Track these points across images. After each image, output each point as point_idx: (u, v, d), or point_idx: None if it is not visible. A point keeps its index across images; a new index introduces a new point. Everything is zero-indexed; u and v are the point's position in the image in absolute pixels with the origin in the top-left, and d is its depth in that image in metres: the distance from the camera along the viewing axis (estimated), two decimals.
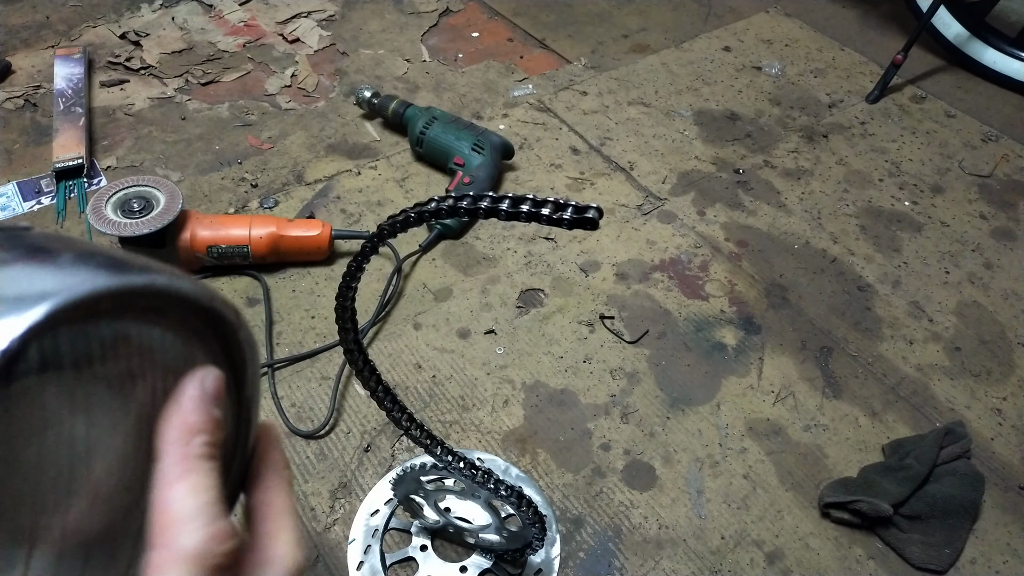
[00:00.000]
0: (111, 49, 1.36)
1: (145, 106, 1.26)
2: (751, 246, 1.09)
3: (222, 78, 1.33)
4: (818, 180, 1.20)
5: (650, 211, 1.13)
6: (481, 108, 1.30)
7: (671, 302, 1.00)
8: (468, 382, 0.89)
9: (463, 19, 1.52)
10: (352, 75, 1.36)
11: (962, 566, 0.76)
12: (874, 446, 0.86)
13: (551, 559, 0.74)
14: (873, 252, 1.09)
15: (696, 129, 1.29)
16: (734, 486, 0.81)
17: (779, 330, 0.97)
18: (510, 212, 0.34)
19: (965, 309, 1.02)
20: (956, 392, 0.92)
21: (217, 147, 1.19)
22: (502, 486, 0.59)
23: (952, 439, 0.82)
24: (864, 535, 0.78)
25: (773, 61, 1.45)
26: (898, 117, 1.34)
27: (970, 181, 1.22)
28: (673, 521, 0.78)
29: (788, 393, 0.90)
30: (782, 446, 0.85)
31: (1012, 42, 1.42)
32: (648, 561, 0.75)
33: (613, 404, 0.88)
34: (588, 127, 1.27)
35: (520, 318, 0.97)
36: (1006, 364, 0.96)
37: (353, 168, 1.17)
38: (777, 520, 0.79)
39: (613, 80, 1.38)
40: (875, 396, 0.91)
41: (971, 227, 1.14)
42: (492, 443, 0.84)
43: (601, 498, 0.80)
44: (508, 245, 1.06)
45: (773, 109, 1.34)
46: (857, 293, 1.03)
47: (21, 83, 1.28)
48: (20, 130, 1.20)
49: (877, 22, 1.59)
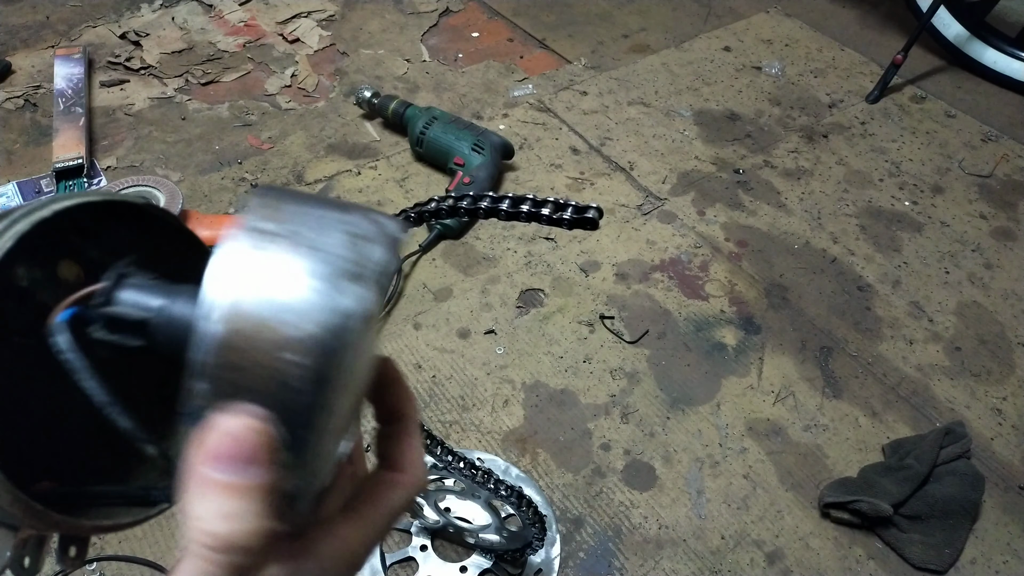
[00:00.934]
0: (111, 49, 1.36)
1: (145, 106, 1.26)
2: (751, 246, 1.09)
3: (222, 78, 1.33)
4: (818, 180, 1.20)
5: (650, 211, 1.13)
6: (481, 108, 1.30)
7: (671, 302, 1.00)
8: (468, 382, 0.89)
9: (463, 19, 1.52)
10: (352, 75, 1.36)
11: (962, 566, 0.76)
12: (874, 446, 0.86)
13: (551, 559, 0.74)
14: (873, 252, 1.09)
15: (696, 129, 1.29)
16: (734, 486, 0.81)
17: (779, 330, 0.97)
18: (510, 212, 0.34)
19: (965, 309, 1.02)
20: (956, 392, 0.92)
21: (217, 147, 1.19)
22: (502, 486, 0.59)
23: (952, 439, 0.82)
24: (864, 535, 0.78)
25: (773, 61, 1.45)
26: (898, 117, 1.34)
27: (970, 181, 1.22)
28: (673, 521, 0.78)
29: (788, 393, 0.90)
30: (782, 446, 0.85)
31: (1012, 42, 1.42)
32: (648, 561, 0.75)
33: (613, 404, 0.88)
34: (588, 127, 1.27)
35: (520, 318, 0.97)
36: (1006, 364, 0.96)
37: (353, 168, 1.17)
38: (777, 520, 0.79)
39: (613, 80, 1.38)
40: (875, 396, 0.91)
41: (971, 227, 1.14)
42: (492, 443, 0.84)
43: (601, 498, 0.80)
44: (508, 245, 1.06)
45: (773, 109, 1.34)
46: (857, 293, 1.03)
47: (21, 83, 1.28)
48: (20, 130, 1.20)
49: (877, 22, 1.59)
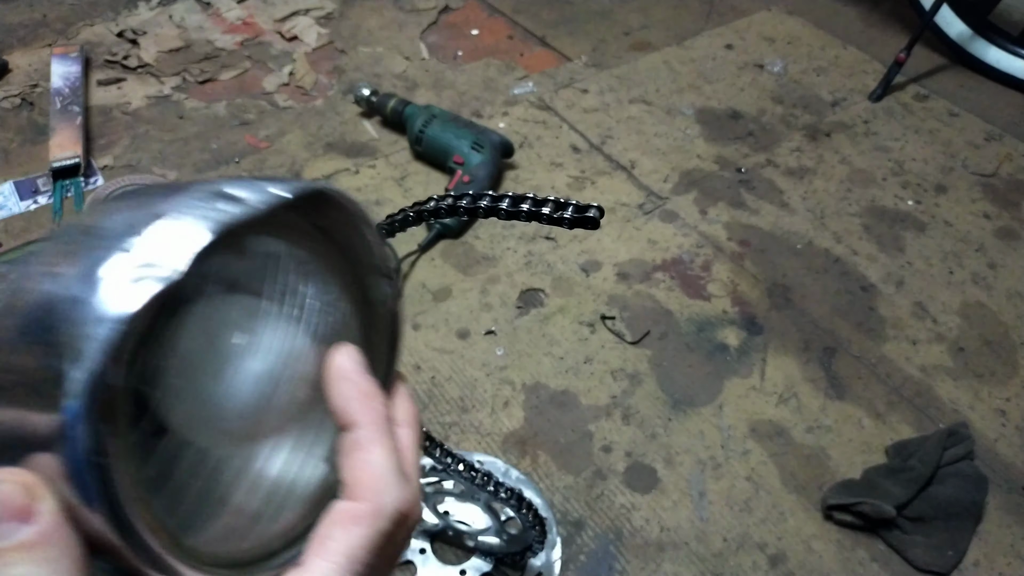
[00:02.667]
0: (108, 47, 1.36)
1: (142, 105, 1.25)
2: (753, 246, 1.08)
3: (219, 76, 1.32)
4: (821, 179, 1.20)
5: (652, 210, 1.12)
6: (481, 106, 1.30)
7: (673, 302, 0.99)
8: (467, 383, 0.89)
9: (462, 16, 1.51)
10: (350, 73, 1.35)
11: (965, 568, 0.76)
12: (877, 448, 0.85)
13: (551, 562, 0.73)
14: (876, 252, 1.08)
15: (698, 127, 1.28)
16: (736, 488, 0.81)
17: (782, 331, 0.97)
18: (510, 211, 0.33)
19: (969, 309, 1.01)
20: (959, 393, 0.91)
21: (214, 146, 1.19)
22: (502, 488, 0.58)
23: (955, 440, 0.82)
24: (867, 537, 0.78)
25: (775, 59, 1.44)
26: (901, 116, 1.33)
27: (973, 180, 1.21)
28: (675, 523, 0.77)
29: (791, 394, 0.90)
30: (785, 448, 0.85)
31: (1015, 40, 1.41)
32: (650, 564, 0.74)
33: (614, 405, 0.87)
34: (589, 125, 1.26)
35: (520, 318, 0.96)
36: (1010, 365, 0.95)
37: (351, 167, 1.16)
38: (780, 522, 0.78)
39: (614, 78, 1.37)
40: (878, 397, 0.90)
41: (975, 227, 1.13)
42: (492, 445, 0.83)
43: (602, 500, 0.79)
44: (508, 245, 1.05)
45: (776, 107, 1.33)
46: (860, 293, 1.02)
47: (18, 82, 1.27)
48: (17, 129, 1.19)
49: (880, 20, 1.58)
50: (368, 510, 0.24)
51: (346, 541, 0.23)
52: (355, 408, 0.26)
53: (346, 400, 0.26)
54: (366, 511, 0.24)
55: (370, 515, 0.24)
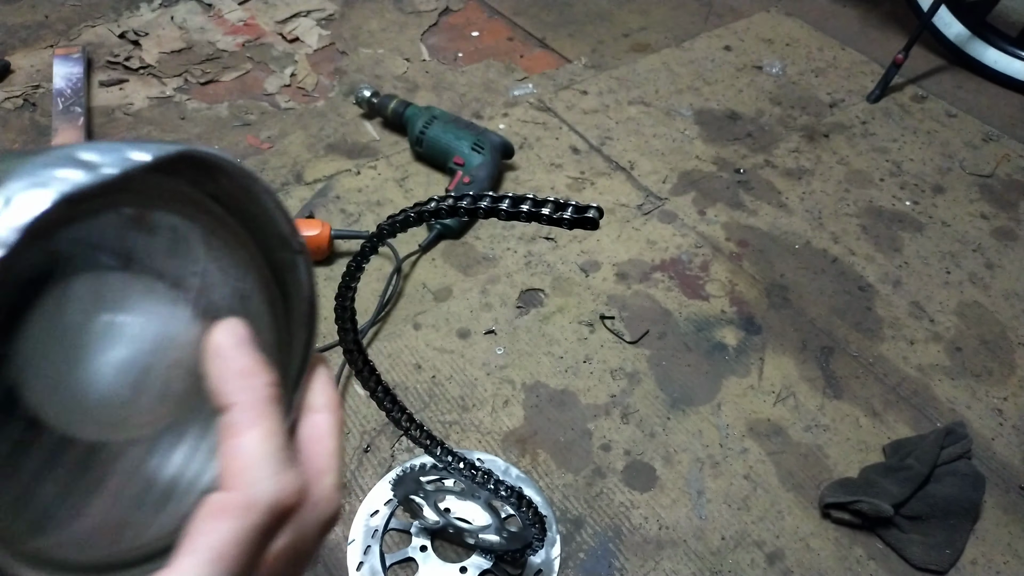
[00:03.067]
0: (110, 48, 1.36)
1: (144, 106, 1.26)
2: (752, 246, 1.08)
3: (221, 77, 1.33)
4: (819, 180, 1.20)
5: (651, 211, 1.13)
6: (481, 107, 1.30)
7: (672, 302, 1.00)
8: (468, 382, 0.89)
9: (463, 18, 1.52)
10: (352, 74, 1.35)
11: (963, 566, 0.76)
12: (875, 446, 0.86)
13: (551, 560, 0.74)
14: (874, 252, 1.09)
15: (697, 128, 1.28)
16: (735, 487, 0.81)
17: (780, 330, 0.97)
18: (510, 212, 0.33)
19: (966, 309, 1.02)
20: (957, 392, 0.92)
21: (216, 147, 1.19)
22: (502, 486, 0.59)
23: (953, 439, 0.82)
24: (865, 536, 0.78)
25: (774, 60, 1.45)
26: (899, 117, 1.34)
27: (971, 181, 1.22)
28: (674, 522, 0.78)
29: (789, 393, 0.90)
30: (783, 446, 0.85)
31: (1013, 41, 1.41)
32: (648, 562, 0.75)
33: (613, 404, 0.88)
34: (588, 126, 1.27)
35: (520, 318, 0.97)
36: (1007, 364, 0.95)
37: (352, 168, 1.16)
38: (778, 521, 0.79)
39: (613, 79, 1.38)
40: (876, 396, 0.91)
41: (972, 227, 1.14)
42: (492, 443, 0.84)
43: (601, 499, 0.79)
44: (508, 245, 1.06)
45: (774, 108, 1.34)
46: (858, 293, 1.03)
47: (20, 83, 1.28)
48: (19, 130, 1.19)
49: (878, 21, 1.58)
50: (238, 501, 0.21)
51: (215, 536, 0.20)
52: (229, 388, 0.23)
53: (219, 380, 0.23)
54: (235, 502, 0.21)
55: (240, 507, 0.21)
